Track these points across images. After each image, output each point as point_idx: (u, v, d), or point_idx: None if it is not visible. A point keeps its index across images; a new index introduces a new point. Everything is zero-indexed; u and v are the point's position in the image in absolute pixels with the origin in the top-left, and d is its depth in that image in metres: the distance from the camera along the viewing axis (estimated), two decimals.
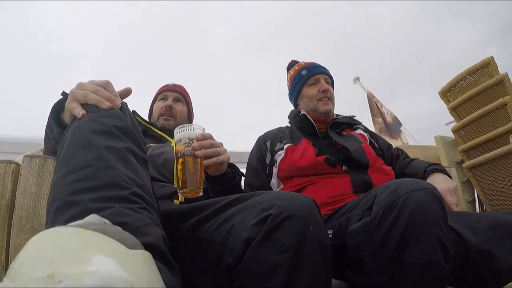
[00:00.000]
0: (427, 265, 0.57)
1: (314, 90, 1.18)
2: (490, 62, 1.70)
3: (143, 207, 0.46)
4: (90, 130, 0.52)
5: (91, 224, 0.32)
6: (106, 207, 0.41)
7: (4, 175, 0.77)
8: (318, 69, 1.21)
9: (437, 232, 0.58)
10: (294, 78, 1.24)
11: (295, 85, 1.24)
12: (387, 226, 0.61)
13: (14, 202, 0.76)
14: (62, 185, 0.45)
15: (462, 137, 1.72)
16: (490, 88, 1.63)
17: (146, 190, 0.50)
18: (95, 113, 0.56)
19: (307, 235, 0.50)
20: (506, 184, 1.49)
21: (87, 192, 0.43)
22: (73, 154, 0.49)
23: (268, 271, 0.48)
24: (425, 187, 0.63)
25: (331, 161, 1.00)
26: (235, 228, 0.54)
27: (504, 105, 1.53)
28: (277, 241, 0.49)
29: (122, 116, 0.57)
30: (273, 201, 0.53)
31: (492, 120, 1.59)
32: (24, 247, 0.26)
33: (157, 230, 0.44)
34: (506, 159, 1.45)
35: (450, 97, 1.88)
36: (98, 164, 0.47)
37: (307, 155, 1.02)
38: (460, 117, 1.76)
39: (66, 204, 0.42)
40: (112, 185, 0.45)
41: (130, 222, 0.41)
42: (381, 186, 0.70)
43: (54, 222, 0.42)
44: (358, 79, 3.99)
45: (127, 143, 0.54)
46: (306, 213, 0.52)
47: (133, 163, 0.52)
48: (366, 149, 1.05)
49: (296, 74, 1.24)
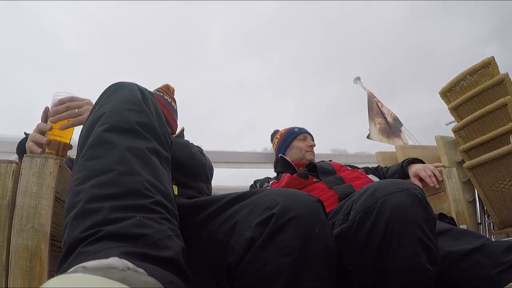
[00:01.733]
0: (410, 270, 0.55)
1: (303, 144, 1.48)
2: (491, 62, 1.70)
3: (165, 217, 0.44)
4: (110, 127, 0.49)
5: (113, 269, 0.30)
6: (126, 217, 0.40)
7: (4, 175, 0.77)
8: (306, 130, 1.55)
9: (418, 234, 0.56)
10: (287, 133, 1.55)
11: (287, 137, 1.53)
12: (365, 232, 0.58)
13: (14, 202, 0.76)
14: (81, 190, 0.43)
15: (463, 137, 1.72)
16: (491, 88, 1.63)
17: (168, 197, 0.48)
18: (120, 102, 0.53)
19: (312, 238, 0.48)
20: (507, 184, 1.49)
21: (107, 200, 0.41)
22: (93, 154, 0.47)
23: (270, 274, 0.46)
24: (404, 187, 0.60)
25: (303, 173, 1.20)
26: (238, 227, 0.52)
27: (505, 105, 1.53)
28: (281, 243, 0.47)
29: (145, 110, 0.54)
30: (277, 198, 0.51)
31: (492, 120, 1.59)
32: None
33: (177, 242, 0.42)
34: (506, 159, 1.45)
35: (451, 97, 1.88)
36: (119, 169, 0.44)
37: (286, 178, 1.20)
38: (461, 117, 1.76)
39: (84, 212, 0.40)
40: (133, 193, 0.43)
41: (150, 234, 0.39)
42: (360, 189, 0.68)
43: (72, 229, 0.40)
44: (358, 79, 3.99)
45: (151, 142, 0.51)
46: (311, 214, 0.50)
47: (156, 166, 0.49)
48: (331, 162, 1.30)
49: (289, 131, 1.55)
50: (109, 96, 0.56)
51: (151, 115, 0.55)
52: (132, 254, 0.36)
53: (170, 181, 0.54)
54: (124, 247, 0.36)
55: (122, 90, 0.56)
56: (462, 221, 1.15)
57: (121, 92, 0.56)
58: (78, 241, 0.38)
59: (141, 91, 0.58)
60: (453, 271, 0.72)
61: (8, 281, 0.68)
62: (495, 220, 1.59)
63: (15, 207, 0.75)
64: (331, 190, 1.07)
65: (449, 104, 1.84)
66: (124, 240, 0.38)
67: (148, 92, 0.60)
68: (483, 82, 1.68)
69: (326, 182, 1.12)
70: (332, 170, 1.22)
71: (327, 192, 1.07)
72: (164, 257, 0.38)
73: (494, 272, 0.68)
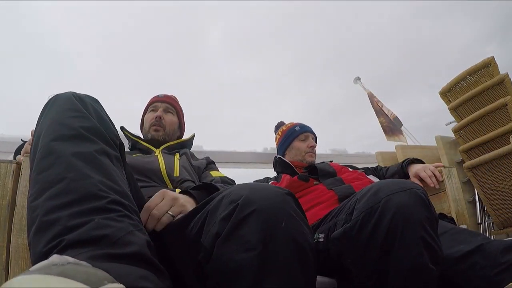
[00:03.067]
0: (413, 269, 0.55)
1: (303, 145, 1.41)
2: (491, 62, 1.70)
3: (123, 214, 0.44)
4: (56, 136, 0.49)
5: (53, 265, 0.30)
6: (84, 222, 0.40)
7: (4, 175, 0.76)
8: (308, 128, 1.48)
9: (421, 233, 0.56)
10: (288, 132, 1.47)
11: (287, 137, 1.46)
12: (368, 232, 0.58)
13: (15, 202, 0.76)
14: (37, 205, 0.43)
15: (463, 137, 1.72)
16: (491, 88, 1.63)
17: (123, 195, 0.47)
18: (61, 112, 0.53)
19: (277, 232, 0.44)
20: (507, 184, 1.49)
21: (63, 208, 0.41)
22: (43, 167, 0.47)
23: (234, 271, 0.43)
24: (407, 187, 0.60)
25: (303, 176, 1.19)
26: (206, 223, 0.50)
27: (505, 105, 1.53)
28: (243, 237, 0.44)
29: (87, 115, 0.54)
30: (241, 191, 0.48)
31: (492, 120, 1.59)
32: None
33: (140, 236, 0.42)
34: (506, 159, 1.45)
35: (451, 97, 1.88)
36: (70, 176, 0.44)
37: (286, 180, 1.18)
38: (461, 117, 1.76)
39: (43, 225, 0.40)
40: (88, 196, 0.43)
41: (111, 234, 0.39)
42: (362, 189, 0.68)
43: (36, 245, 0.40)
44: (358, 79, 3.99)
45: (98, 144, 0.51)
46: (275, 206, 0.47)
47: (107, 167, 0.49)
48: (331, 164, 1.27)
49: (290, 129, 1.48)
50: (49, 109, 0.56)
51: (93, 118, 0.55)
52: (97, 257, 0.36)
53: (125, 179, 0.53)
54: (87, 252, 0.37)
55: (59, 101, 0.56)
56: (462, 221, 1.15)
57: (59, 103, 0.56)
58: (42, 256, 0.38)
59: (79, 98, 0.58)
60: (453, 272, 0.72)
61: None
62: (495, 220, 1.59)
63: (15, 207, 0.75)
64: (330, 191, 1.07)
65: (449, 104, 1.84)
66: (87, 245, 0.38)
67: (89, 98, 0.60)
68: (483, 82, 1.68)
69: (326, 184, 1.12)
70: (333, 172, 1.21)
71: (327, 193, 1.07)
72: (129, 253, 0.38)
73: (493, 273, 0.68)
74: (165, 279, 0.41)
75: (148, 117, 1.24)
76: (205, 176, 1.10)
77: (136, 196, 0.58)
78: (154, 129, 1.19)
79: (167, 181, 0.98)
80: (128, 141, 1.21)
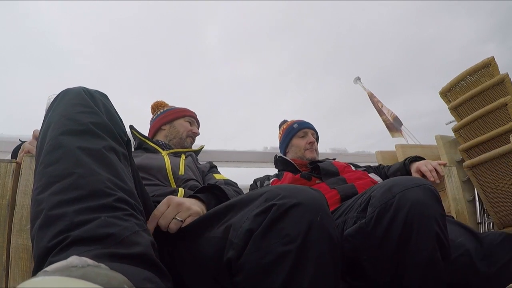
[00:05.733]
0: (428, 264, 0.56)
1: (302, 141, 1.42)
2: (491, 62, 1.70)
3: (129, 213, 0.44)
4: (65, 131, 0.49)
5: (73, 267, 0.30)
6: (91, 219, 0.39)
7: (4, 175, 0.76)
8: (307, 124, 1.48)
9: (435, 229, 0.57)
10: (287, 130, 1.49)
11: (287, 135, 1.47)
12: (384, 227, 0.59)
13: (14, 202, 0.76)
14: (43, 198, 0.43)
15: (463, 136, 1.72)
16: (491, 88, 1.63)
17: (130, 193, 0.47)
18: (70, 106, 0.53)
19: (315, 225, 0.47)
20: (507, 183, 1.49)
21: (70, 204, 0.41)
22: (51, 160, 0.46)
23: (271, 263, 0.45)
24: (420, 183, 0.61)
25: (306, 175, 1.20)
26: (235, 221, 0.51)
27: (505, 105, 1.53)
28: (282, 231, 0.46)
29: (96, 111, 0.54)
30: (278, 191, 0.50)
31: (492, 120, 1.59)
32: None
33: (145, 237, 0.42)
34: (506, 158, 1.45)
35: (451, 97, 1.88)
36: (78, 172, 0.44)
37: (288, 178, 1.19)
38: (461, 117, 1.76)
39: (49, 219, 0.40)
40: (95, 193, 0.43)
41: (117, 233, 0.39)
42: (375, 186, 0.68)
43: (40, 240, 0.40)
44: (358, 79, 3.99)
45: (107, 140, 0.51)
46: (313, 203, 0.49)
47: (115, 164, 0.49)
48: (334, 162, 1.27)
49: (289, 127, 1.49)
50: (58, 103, 0.55)
51: (103, 114, 0.55)
52: (103, 256, 0.36)
53: (131, 177, 0.53)
54: (93, 250, 0.36)
55: (69, 95, 0.56)
56: (462, 220, 1.15)
57: (69, 97, 0.56)
58: (47, 251, 0.38)
59: (89, 93, 0.58)
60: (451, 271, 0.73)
61: (8, 281, 0.68)
62: (494, 219, 1.59)
63: (15, 206, 0.75)
64: (333, 190, 1.07)
65: (449, 104, 1.84)
66: (92, 243, 0.37)
67: (99, 93, 0.60)
68: (483, 82, 1.68)
69: (328, 183, 1.12)
70: (335, 171, 1.21)
71: (329, 192, 1.07)
72: (134, 254, 0.38)
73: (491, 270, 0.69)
74: (168, 281, 0.41)
75: (186, 126, 1.32)
76: (209, 178, 1.14)
77: (141, 194, 0.58)
78: (190, 140, 1.32)
79: (171, 179, 0.99)
80: (134, 140, 1.23)
